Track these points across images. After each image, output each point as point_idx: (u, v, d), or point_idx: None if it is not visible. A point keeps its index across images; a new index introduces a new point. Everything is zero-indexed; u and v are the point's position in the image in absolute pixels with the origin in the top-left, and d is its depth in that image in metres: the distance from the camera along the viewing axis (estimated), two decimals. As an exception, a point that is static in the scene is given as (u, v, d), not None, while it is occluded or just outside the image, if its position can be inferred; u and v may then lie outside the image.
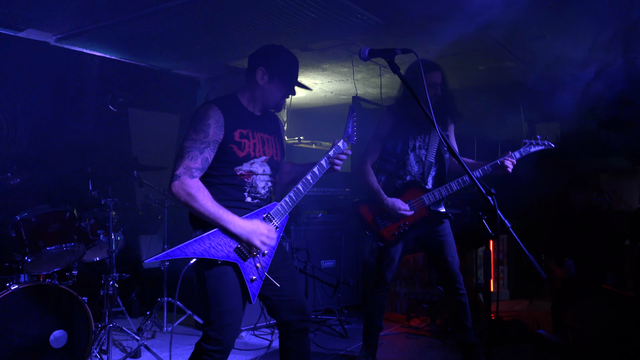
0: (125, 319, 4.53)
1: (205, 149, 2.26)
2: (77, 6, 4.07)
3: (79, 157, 4.86)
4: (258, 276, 2.33)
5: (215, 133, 2.28)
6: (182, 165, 2.22)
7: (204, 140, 2.25)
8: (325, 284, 5.14)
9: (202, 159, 2.25)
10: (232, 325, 2.30)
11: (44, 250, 3.54)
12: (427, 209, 3.25)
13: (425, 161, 3.31)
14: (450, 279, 3.34)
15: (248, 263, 2.31)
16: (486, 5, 3.89)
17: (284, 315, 2.48)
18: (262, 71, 2.38)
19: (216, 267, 2.26)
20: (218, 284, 2.27)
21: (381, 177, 3.35)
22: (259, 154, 2.40)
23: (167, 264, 4.68)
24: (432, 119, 1.80)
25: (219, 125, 2.28)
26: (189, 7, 4.07)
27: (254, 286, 2.32)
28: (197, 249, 2.18)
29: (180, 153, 2.26)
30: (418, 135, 3.30)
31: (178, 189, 2.19)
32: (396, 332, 4.61)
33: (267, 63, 2.38)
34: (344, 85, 6.77)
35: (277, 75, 2.39)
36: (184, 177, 2.20)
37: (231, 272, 2.28)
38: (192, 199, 2.18)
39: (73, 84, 5.15)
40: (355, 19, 4.31)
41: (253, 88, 2.43)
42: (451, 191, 3.20)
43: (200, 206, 2.18)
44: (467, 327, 3.31)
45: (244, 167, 2.36)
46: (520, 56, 5.33)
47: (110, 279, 3.84)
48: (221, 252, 2.23)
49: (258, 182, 2.42)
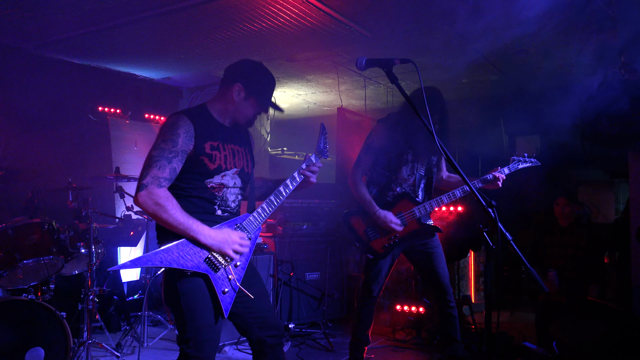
0: (104, 334, 4.38)
1: (173, 159, 2.17)
2: (59, 13, 3.98)
3: (59, 167, 4.73)
4: (231, 288, 2.24)
5: (185, 143, 2.20)
6: (150, 174, 2.13)
7: (172, 149, 2.17)
8: (309, 296, 5.08)
9: (170, 169, 2.17)
10: (210, 341, 2.22)
11: (21, 263, 3.41)
12: (418, 222, 3.24)
13: (416, 174, 3.32)
14: (440, 292, 3.32)
15: (220, 274, 2.22)
16: (472, 21, 3.94)
17: (256, 333, 2.39)
18: (238, 87, 2.31)
19: (188, 280, 2.17)
20: (192, 298, 2.18)
21: (372, 190, 3.33)
22: (230, 166, 2.34)
23: (148, 276, 4.57)
24: (432, 130, 1.78)
25: (188, 135, 2.21)
26: (173, 16, 4.03)
27: (227, 299, 2.23)
28: (165, 257, 2.09)
29: (147, 162, 2.17)
30: (411, 149, 3.30)
31: (145, 199, 2.10)
32: (382, 346, 4.56)
33: (245, 80, 2.32)
34: (327, 97, 6.77)
35: (253, 94, 2.33)
36: (152, 187, 2.11)
37: (203, 285, 2.19)
38: (161, 209, 2.10)
39: (52, 92, 5.03)
40: (342, 30, 4.31)
41: (226, 102, 2.36)
42: (442, 204, 3.20)
43: (169, 216, 2.10)
44: (456, 340, 3.29)
45: (215, 180, 2.30)
46: (504, 70, 5.41)
47: (90, 293, 3.72)
48: (190, 262, 2.14)
49: (229, 195, 2.35)
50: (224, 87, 2.37)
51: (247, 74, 2.34)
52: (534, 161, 3.38)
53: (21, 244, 3.47)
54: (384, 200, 3.28)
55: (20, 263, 3.40)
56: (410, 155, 3.30)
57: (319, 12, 3.93)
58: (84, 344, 3.71)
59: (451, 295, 3.32)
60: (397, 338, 4.74)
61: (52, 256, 3.55)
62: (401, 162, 3.28)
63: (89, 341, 3.71)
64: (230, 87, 2.33)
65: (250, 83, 2.32)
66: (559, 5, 3.60)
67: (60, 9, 3.90)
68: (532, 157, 3.39)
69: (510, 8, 3.66)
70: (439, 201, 3.19)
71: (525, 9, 3.62)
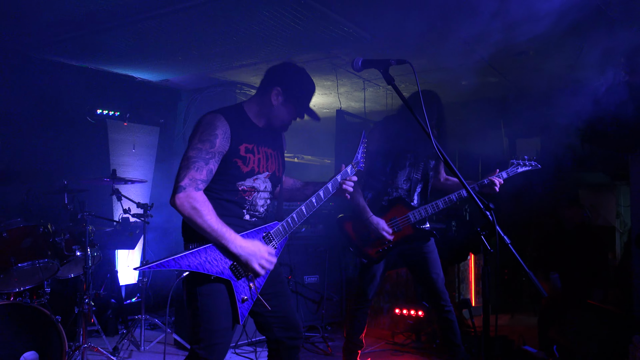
0: (101, 338, 4.35)
1: (210, 160, 2.16)
2: (55, 15, 3.95)
3: (55, 170, 4.70)
4: (250, 297, 2.24)
5: (222, 144, 2.18)
6: (188, 176, 2.11)
7: (209, 150, 2.15)
8: (308, 300, 5.04)
9: (208, 171, 2.16)
10: (222, 345, 2.21)
11: (16, 266, 3.38)
12: (413, 227, 3.20)
13: (412, 178, 3.28)
14: (435, 296, 3.29)
15: (241, 282, 2.22)
16: (472, 23, 3.91)
17: (276, 333, 2.40)
18: (277, 91, 2.29)
19: (208, 283, 2.17)
20: (210, 301, 2.17)
21: (368, 194, 3.29)
22: (262, 170, 2.33)
23: (145, 280, 4.53)
24: (429, 133, 1.75)
25: (225, 136, 2.19)
26: (171, 18, 4.00)
27: (244, 307, 2.23)
28: (192, 262, 2.08)
29: (185, 163, 2.15)
30: (408, 153, 3.26)
31: (183, 202, 2.09)
32: (381, 349, 4.52)
33: (285, 84, 2.29)
34: (327, 99, 6.74)
35: (291, 100, 2.31)
36: (190, 190, 2.10)
37: (223, 290, 2.19)
38: (197, 213, 2.09)
39: (49, 94, 5.00)
40: (340, 32, 4.29)
41: (263, 104, 2.34)
42: (437, 209, 3.16)
43: (204, 222, 2.09)
44: (455, 345, 3.26)
45: (247, 183, 2.28)
46: (503, 72, 5.39)
47: (85, 297, 3.68)
48: (216, 268, 2.14)
49: (258, 200, 2.34)
50: (262, 88, 2.35)
51: (288, 78, 2.32)
52: (534, 164, 3.33)
53: (16, 247, 3.44)
54: (379, 205, 3.24)
55: (15, 266, 3.37)
56: (407, 159, 3.26)
57: (317, 13, 3.91)
58: (79, 347, 3.67)
59: (447, 299, 3.28)
60: (397, 342, 4.71)
61: (48, 259, 3.52)
62: (398, 166, 3.25)
63: (85, 345, 3.68)
64: (270, 90, 2.31)
65: (290, 88, 2.30)
66: (559, 6, 3.58)
67: (57, 10, 3.88)
68: (532, 160, 3.34)
69: (511, 9, 3.64)
70: (434, 206, 3.15)
71: (525, 10, 3.60)
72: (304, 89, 2.35)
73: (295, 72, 2.35)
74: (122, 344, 4.28)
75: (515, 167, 3.28)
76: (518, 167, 3.28)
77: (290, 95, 2.30)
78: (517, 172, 3.29)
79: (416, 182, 3.30)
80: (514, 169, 3.27)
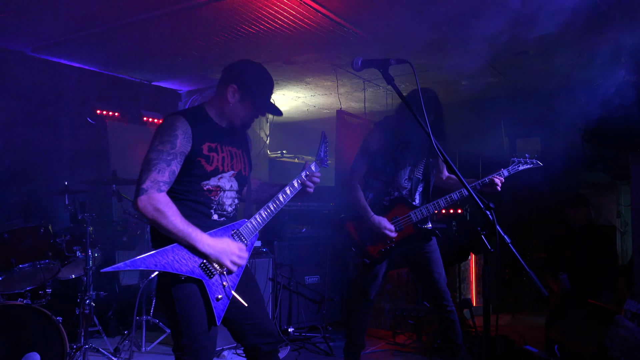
0: (102, 339, 4.35)
1: (172, 161, 2.13)
2: (55, 16, 3.96)
3: (55, 171, 4.70)
4: (225, 295, 2.20)
5: (183, 145, 2.15)
6: (149, 178, 2.08)
7: (170, 151, 2.12)
8: (309, 300, 5.04)
9: (170, 172, 2.13)
10: (206, 348, 2.18)
11: (17, 267, 3.38)
12: (414, 226, 3.20)
13: (413, 178, 3.27)
14: (437, 296, 3.28)
15: (214, 280, 2.17)
16: (472, 23, 3.91)
17: (250, 340, 2.35)
18: (233, 89, 2.26)
19: (183, 286, 2.12)
20: (188, 305, 2.13)
21: (369, 194, 3.28)
22: (227, 168, 2.30)
23: (145, 280, 4.53)
24: (429, 132, 1.75)
25: (186, 136, 2.16)
26: (170, 18, 4.00)
27: (220, 306, 2.18)
28: (160, 261, 2.05)
29: (146, 165, 2.12)
30: (408, 153, 3.25)
31: (145, 204, 2.06)
32: (382, 350, 4.52)
33: (241, 81, 2.26)
34: (327, 99, 6.75)
35: (248, 96, 2.27)
36: (152, 192, 2.07)
37: (198, 291, 2.15)
38: (161, 215, 2.05)
39: (50, 95, 5.00)
40: (340, 32, 4.29)
41: (222, 103, 2.31)
42: (438, 208, 3.16)
43: (168, 223, 2.06)
44: (457, 345, 3.25)
45: (212, 182, 2.25)
46: (504, 72, 5.38)
47: (86, 298, 3.68)
48: (185, 267, 2.09)
49: (225, 199, 2.31)
50: (220, 87, 2.32)
51: (243, 75, 2.28)
52: (535, 162, 3.31)
53: (17, 248, 3.44)
54: (380, 205, 3.24)
55: (16, 267, 3.38)
56: (407, 158, 3.25)
57: (317, 14, 3.91)
58: (80, 348, 3.67)
59: (449, 299, 3.27)
60: (398, 342, 4.70)
61: (49, 260, 3.53)
62: (398, 166, 3.24)
63: (86, 346, 3.68)
64: (226, 88, 2.27)
65: (246, 85, 2.26)
66: (559, 7, 3.57)
67: (57, 12, 3.88)
68: (534, 158, 3.33)
69: (511, 10, 3.64)
70: (436, 205, 3.15)
71: (525, 11, 3.60)
72: (260, 84, 2.31)
73: (251, 68, 2.31)
74: (123, 345, 4.28)
75: (517, 165, 3.27)
76: (519, 165, 3.28)
77: (246, 92, 2.26)
78: (519, 169, 3.28)
79: (417, 181, 3.29)
80: (515, 166, 3.27)
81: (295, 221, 5.23)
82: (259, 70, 2.33)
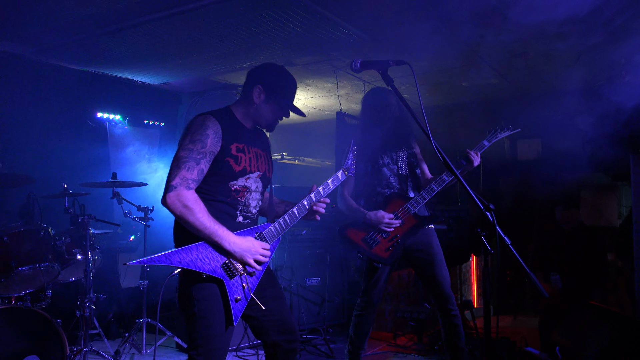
0: (102, 341, 4.34)
1: (201, 160, 2.17)
2: (57, 18, 3.96)
3: (56, 173, 4.70)
4: (243, 296, 2.22)
5: (213, 144, 2.20)
6: (179, 175, 2.13)
7: (200, 150, 2.17)
8: (310, 302, 5.03)
9: (199, 170, 2.17)
10: (220, 350, 2.20)
11: (16, 270, 3.38)
12: (415, 216, 3.20)
13: (400, 175, 3.29)
14: (441, 299, 3.24)
15: (234, 281, 2.20)
16: (472, 23, 3.91)
17: (272, 336, 2.38)
18: (259, 89, 2.33)
19: (204, 287, 2.15)
20: (208, 306, 2.16)
21: (360, 201, 3.30)
22: (254, 169, 2.34)
23: (146, 283, 4.52)
24: (427, 131, 1.75)
25: (217, 136, 2.21)
26: (171, 21, 4.00)
27: (238, 307, 2.21)
28: (184, 258, 2.08)
29: (175, 163, 2.17)
30: (384, 154, 3.30)
31: (174, 200, 2.10)
32: (383, 352, 4.51)
33: (266, 82, 2.33)
34: (327, 101, 6.74)
35: (273, 97, 2.35)
36: (181, 188, 2.11)
37: (218, 292, 2.18)
38: (189, 211, 2.09)
39: (50, 97, 5.00)
40: (340, 34, 4.29)
41: (248, 104, 2.37)
42: (432, 193, 3.14)
43: (196, 220, 2.10)
44: (459, 348, 3.22)
45: (239, 182, 2.29)
46: (504, 73, 5.38)
47: (86, 300, 3.68)
48: (208, 266, 2.12)
49: (251, 200, 2.35)
50: (246, 89, 2.39)
51: (268, 76, 2.36)
52: (512, 128, 3.29)
53: (17, 250, 3.44)
54: (374, 205, 3.25)
55: (15, 270, 3.38)
56: (386, 159, 3.31)
57: (318, 15, 3.91)
58: (80, 351, 3.67)
59: (453, 303, 3.23)
60: (399, 344, 4.69)
61: (48, 263, 3.52)
62: (379, 166, 3.29)
63: (86, 349, 3.68)
64: (252, 90, 2.34)
65: (271, 85, 2.34)
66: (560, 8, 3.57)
67: (58, 14, 3.88)
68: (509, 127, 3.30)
69: (510, 11, 3.64)
70: (429, 190, 3.14)
71: (525, 12, 3.60)
72: (285, 85, 2.38)
73: (275, 70, 2.40)
74: (124, 348, 4.28)
75: (495, 134, 3.27)
76: (497, 133, 3.27)
77: (271, 92, 2.34)
78: (498, 137, 3.28)
79: (405, 178, 3.31)
80: (492, 136, 3.26)
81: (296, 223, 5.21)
82: (283, 72, 2.41)
